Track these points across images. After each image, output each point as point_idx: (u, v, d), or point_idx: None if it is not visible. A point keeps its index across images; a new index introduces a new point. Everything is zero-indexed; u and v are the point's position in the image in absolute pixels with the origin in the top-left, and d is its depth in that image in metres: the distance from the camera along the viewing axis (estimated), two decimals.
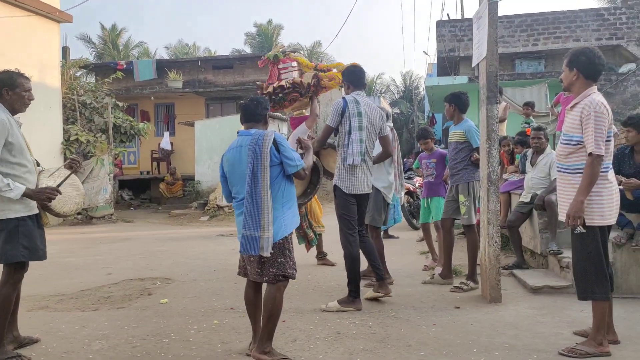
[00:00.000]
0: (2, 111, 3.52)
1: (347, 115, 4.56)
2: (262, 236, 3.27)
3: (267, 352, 3.31)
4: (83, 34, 31.57)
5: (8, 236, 3.47)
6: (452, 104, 5.38)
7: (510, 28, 15.82)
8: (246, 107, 3.65)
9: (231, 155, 3.52)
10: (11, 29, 10.96)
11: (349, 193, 4.60)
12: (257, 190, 3.31)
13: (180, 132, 18.47)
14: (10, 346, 3.60)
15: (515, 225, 6.00)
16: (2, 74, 3.64)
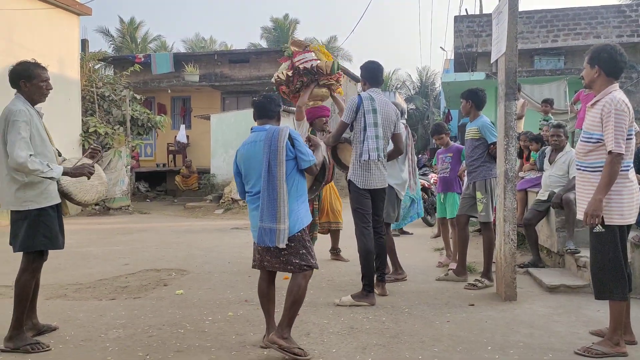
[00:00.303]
0: (22, 103, 3.57)
1: (362, 112, 4.60)
2: (278, 228, 3.35)
3: (286, 338, 3.37)
4: (102, 27, 31.84)
5: (29, 226, 3.54)
6: (469, 100, 5.34)
7: (530, 24, 15.64)
8: (259, 103, 3.71)
9: (246, 151, 3.57)
10: (32, 21, 11.10)
11: (362, 188, 4.64)
12: (273, 184, 3.38)
13: (196, 125, 18.58)
14: (29, 333, 3.67)
15: (531, 223, 5.95)
16: (18, 66, 3.67)
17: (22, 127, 3.44)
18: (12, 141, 3.42)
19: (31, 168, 3.39)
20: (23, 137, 3.43)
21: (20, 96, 3.61)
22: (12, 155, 3.39)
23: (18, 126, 3.44)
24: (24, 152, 3.38)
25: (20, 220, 3.56)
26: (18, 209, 3.54)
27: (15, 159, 3.38)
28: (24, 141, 3.43)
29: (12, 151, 3.40)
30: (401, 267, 5.54)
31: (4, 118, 3.50)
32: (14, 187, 3.52)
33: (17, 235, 3.57)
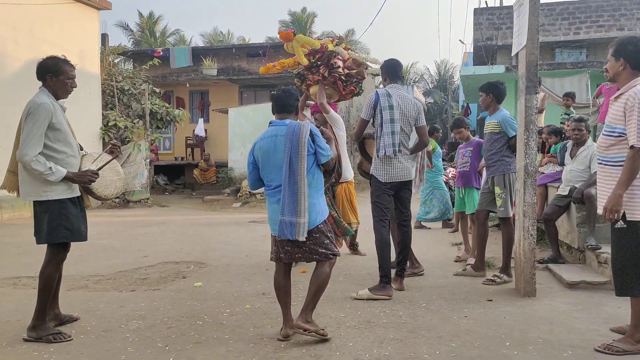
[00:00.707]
0: (47, 96, 3.62)
1: (379, 109, 4.71)
2: (298, 222, 3.45)
3: (309, 322, 3.52)
4: (121, 22, 32.13)
5: (51, 218, 3.59)
6: (490, 93, 5.27)
7: (551, 16, 15.40)
8: (278, 98, 3.76)
9: (265, 144, 3.61)
10: (53, 16, 11.25)
11: (384, 182, 4.71)
12: (294, 179, 3.47)
13: (214, 119, 18.69)
14: (51, 323, 3.74)
15: (551, 219, 5.87)
16: (48, 60, 3.72)
17: (37, 123, 3.48)
18: (26, 134, 3.48)
19: (33, 167, 3.45)
20: (35, 134, 3.47)
21: (44, 89, 3.66)
22: (20, 150, 3.47)
23: (36, 120, 3.48)
24: (31, 151, 3.44)
25: (42, 213, 3.61)
26: (37, 199, 3.59)
27: (21, 155, 3.47)
28: (35, 139, 3.47)
29: (23, 146, 3.46)
30: (418, 262, 5.53)
31: (27, 110, 3.56)
32: (31, 176, 3.56)
33: (40, 228, 3.63)
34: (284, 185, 3.49)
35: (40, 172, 3.47)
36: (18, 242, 7.52)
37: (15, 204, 10.24)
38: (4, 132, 10.10)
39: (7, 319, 4.03)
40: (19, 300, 4.55)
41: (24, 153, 3.44)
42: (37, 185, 3.56)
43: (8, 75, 10.24)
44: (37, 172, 3.47)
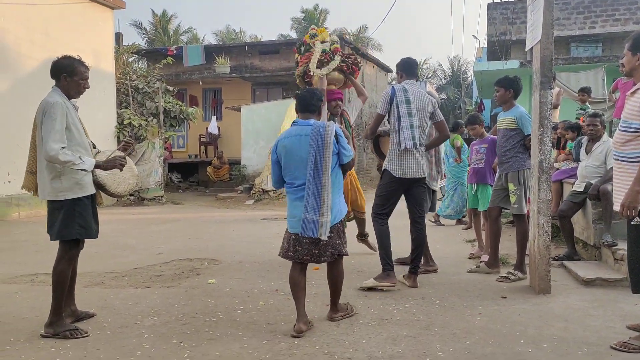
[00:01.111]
0: (59, 95, 3.68)
1: (396, 103, 4.73)
2: (321, 221, 3.58)
3: (339, 310, 3.90)
4: (135, 21, 32.41)
5: (65, 215, 3.64)
6: (511, 89, 5.19)
7: (566, 10, 15.22)
8: (302, 98, 3.87)
9: (289, 143, 3.73)
10: (68, 15, 11.36)
11: (398, 177, 4.75)
12: (318, 178, 3.60)
13: (227, 116, 18.76)
14: (68, 319, 3.79)
15: (567, 215, 5.82)
16: (64, 60, 3.76)
17: (57, 120, 3.53)
18: (46, 133, 3.52)
19: (62, 160, 3.48)
20: (57, 129, 3.52)
21: (57, 89, 3.71)
22: (45, 147, 3.50)
23: (53, 117, 3.53)
24: (56, 145, 3.48)
25: (56, 210, 3.66)
26: (54, 198, 3.65)
27: (47, 151, 3.49)
28: (58, 134, 3.52)
29: (46, 143, 3.50)
30: (432, 259, 5.52)
31: (42, 110, 3.61)
32: (50, 177, 3.62)
33: (54, 224, 3.68)
34: (308, 184, 3.60)
35: (71, 162, 3.50)
36: (35, 240, 7.62)
37: (32, 202, 10.38)
38: (21, 130, 10.25)
39: (25, 316, 4.10)
40: (36, 297, 4.62)
41: (49, 148, 3.48)
42: (54, 186, 3.62)
43: (24, 74, 10.37)
44: (68, 163, 3.50)
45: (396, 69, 5.10)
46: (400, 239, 5.43)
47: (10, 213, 9.94)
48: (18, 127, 10.21)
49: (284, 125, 13.86)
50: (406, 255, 5.31)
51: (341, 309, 3.93)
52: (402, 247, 5.45)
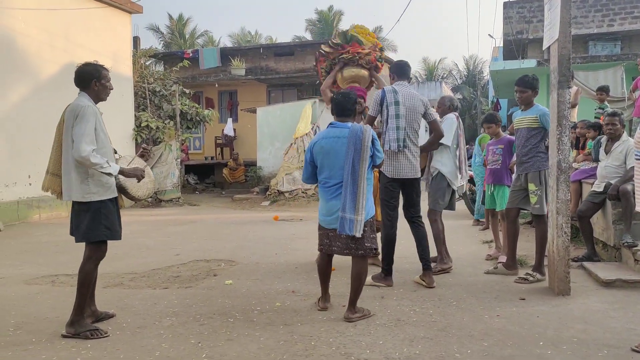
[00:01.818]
0: (88, 100, 3.81)
1: (386, 105, 4.83)
2: (356, 219, 3.80)
3: (356, 312, 3.95)
4: (152, 24, 32.77)
5: (91, 217, 3.74)
6: (536, 89, 5.13)
7: (584, 8, 15.04)
8: (338, 103, 4.07)
9: (326, 144, 3.95)
10: (87, 20, 11.52)
11: (391, 177, 4.83)
12: (355, 179, 3.81)
13: (242, 118, 18.86)
14: (88, 319, 3.85)
15: (586, 216, 5.75)
16: (89, 67, 3.88)
17: (89, 123, 3.66)
18: (79, 134, 3.62)
19: (93, 162, 3.59)
20: (89, 132, 3.65)
21: (85, 94, 3.83)
22: (78, 148, 3.60)
23: (86, 120, 3.66)
24: (88, 147, 3.60)
25: (83, 212, 3.75)
26: (81, 200, 3.74)
27: (79, 152, 3.59)
28: (90, 136, 3.64)
29: (78, 144, 3.60)
30: (448, 256, 5.51)
31: (73, 113, 3.71)
32: (78, 179, 3.72)
33: (80, 226, 3.77)
34: (345, 185, 3.82)
35: (99, 165, 3.63)
36: (56, 241, 7.74)
37: (53, 204, 10.55)
38: (42, 133, 10.42)
39: (46, 316, 4.17)
40: (57, 298, 4.69)
41: (81, 149, 3.59)
42: (82, 187, 3.72)
43: (45, 78, 10.55)
44: (96, 165, 3.62)
45: (389, 72, 5.20)
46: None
47: (31, 215, 10.11)
48: (39, 130, 10.39)
49: (299, 126, 13.90)
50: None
51: (358, 310, 3.98)
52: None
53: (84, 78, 3.83)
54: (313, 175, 4.10)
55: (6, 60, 9.76)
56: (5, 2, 9.68)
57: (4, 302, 4.57)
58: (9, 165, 9.73)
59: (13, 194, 9.78)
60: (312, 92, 17.50)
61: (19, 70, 10.04)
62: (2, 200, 9.51)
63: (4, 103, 9.69)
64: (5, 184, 9.64)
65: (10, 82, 9.86)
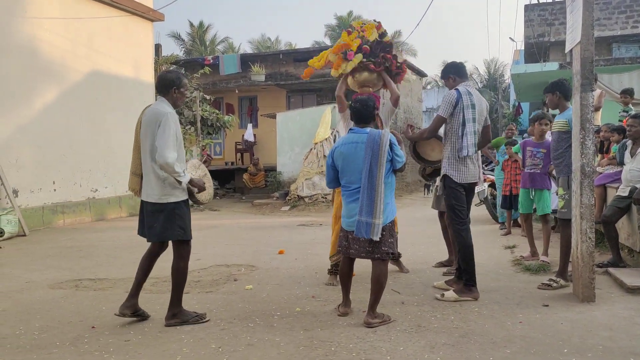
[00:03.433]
0: (169, 106, 3.98)
1: (461, 107, 4.61)
2: (374, 222, 3.84)
3: (376, 317, 3.93)
4: (173, 32, 33.22)
5: (166, 218, 3.93)
6: (556, 91, 5.06)
7: (607, 10, 14.80)
8: (356, 110, 4.14)
9: (346, 149, 4.03)
10: (110, 28, 11.72)
11: (459, 182, 4.67)
12: (372, 184, 3.86)
13: (262, 123, 18.97)
14: (127, 310, 4.05)
15: (611, 221, 5.63)
16: (171, 74, 4.09)
17: (172, 130, 3.84)
18: (165, 140, 3.79)
19: (175, 170, 3.82)
20: (173, 139, 3.83)
21: (164, 100, 4.00)
22: (163, 153, 3.77)
23: (170, 126, 3.83)
24: (173, 154, 3.80)
25: (157, 213, 3.94)
26: (157, 201, 3.93)
27: (165, 159, 3.77)
28: (173, 144, 3.83)
29: (164, 150, 3.77)
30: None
31: (155, 119, 3.87)
32: (157, 181, 3.92)
33: (154, 226, 3.96)
34: (362, 189, 3.88)
35: (178, 173, 3.84)
36: (79, 246, 7.87)
37: (76, 210, 10.73)
38: (66, 140, 10.63)
39: (70, 320, 4.23)
40: (81, 302, 4.76)
41: (167, 156, 3.77)
42: (160, 189, 3.92)
43: (69, 86, 10.75)
44: (176, 174, 3.83)
45: (444, 74, 4.93)
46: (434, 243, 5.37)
47: (55, 220, 10.30)
48: (62, 136, 10.60)
49: (319, 131, 13.92)
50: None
51: (378, 316, 3.97)
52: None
53: (165, 84, 4.00)
54: (335, 179, 4.18)
55: (31, 68, 9.99)
56: (30, 12, 9.91)
57: (30, 306, 4.66)
58: (34, 171, 9.93)
59: (38, 199, 9.97)
60: (332, 97, 17.51)
61: (44, 78, 10.25)
62: (28, 205, 9.70)
63: (29, 109, 9.91)
64: (31, 190, 9.83)
65: (36, 89, 10.08)
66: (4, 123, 9.42)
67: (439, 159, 5.03)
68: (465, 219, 4.69)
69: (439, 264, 5.99)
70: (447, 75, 4.88)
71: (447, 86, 4.93)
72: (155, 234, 3.97)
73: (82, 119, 11.02)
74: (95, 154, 11.28)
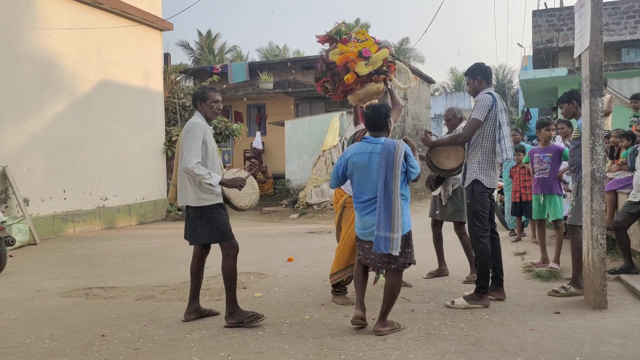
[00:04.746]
0: (200, 118, 4.27)
1: (495, 111, 4.61)
2: (392, 237, 3.76)
3: (386, 325, 3.89)
4: (182, 41, 33.46)
5: (206, 221, 4.15)
6: (573, 100, 5.08)
7: (616, 15, 14.73)
8: (369, 117, 4.08)
9: (359, 159, 3.96)
10: (119, 38, 11.84)
11: (488, 187, 4.66)
12: (389, 197, 3.78)
13: (271, 131, 19.02)
14: (191, 315, 4.30)
15: (622, 227, 5.58)
16: (198, 90, 4.50)
17: (197, 138, 4.08)
18: (187, 146, 4.06)
19: (196, 172, 4.00)
20: (195, 146, 4.06)
21: (198, 113, 4.32)
22: (184, 159, 4.04)
23: (194, 135, 4.09)
24: (193, 159, 4.02)
25: (196, 218, 4.18)
26: (195, 205, 4.14)
27: (185, 164, 4.03)
28: (196, 150, 4.05)
29: (186, 155, 4.04)
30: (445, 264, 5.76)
31: (185, 130, 4.18)
32: (191, 187, 4.14)
33: (195, 230, 4.21)
34: (379, 202, 3.80)
35: (202, 176, 4.02)
36: (90, 255, 7.91)
37: (86, 219, 10.80)
38: (76, 149, 10.72)
39: (80, 328, 4.25)
40: (91, 310, 4.78)
41: (187, 162, 4.02)
42: (195, 194, 4.12)
43: (79, 95, 10.86)
44: (199, 176, 4.02)
45: (472, 74, 4.79)
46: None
47: (66, 229, 10.37)
48: (73, 145, 10.69)
49: (327, 138, 13.94)
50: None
51: (388, 324, 3.93)
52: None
53: (193, 99, 4.39)
54: (339, 179, 4.15)
55: (43, 78, 10.10)
56: (41, 23, 10.04)
57: (40, 315, 4.68)
58: (45, 180, 10.02)
59: (49, 208, 10.05)
60: (340, 104, 17.55)
61: (55, 88, 10.37)
62: (38, 214, 9.78)
63: (40, 119, 10.01)
64: (42, 199, 9.92)
65: (47, 99, 10.19)
66: (16, 132, 9.52)
67: (452, 167, 4.96)
68: (487, 226, 4.65)
69: (430, 274, 5.85)
70: (475, 76, 4.77)
71: (469, 86, 4.83)
72: (196, 237, 4.23)
73: (92, 128, 11.12)
74: (105, 163, 11.37)
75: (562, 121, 5.96)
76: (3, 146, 9.29)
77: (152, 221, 12.67)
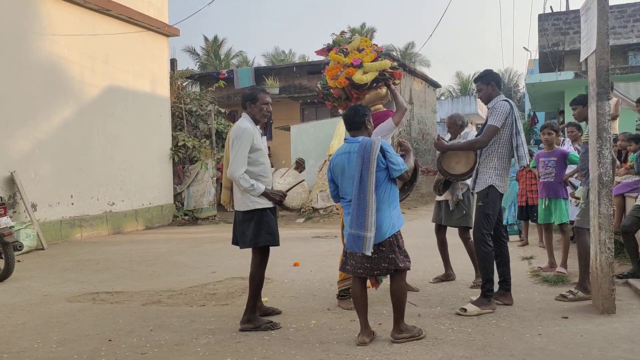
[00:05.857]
0: (248, 121, 4.25)
1: (513, 118, 4.65)
2: (365, 236, 3.61)
3: (402, 331, 3.77)
4: (188, 46, 33.68)
5: (256, 224, 4.17)
6: (583, 104, 5.11)
7: (622, 18, 14.67)
8: (346, 116, 4.04)
9: (339, 160, 3.89)
10: (126, 44, 11.92)
11: (502, 193, 4.70)
12: (363, 194, 3.66)
13: (276, 136, 19.04)
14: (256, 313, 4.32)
15: (630, 231, 5.54)
16: (249, 90, 4.43)
17: (244, 145, 4.09)
18: (234, 155, 4.10)
19: (240, 183, 4.09)
20: (243, 154, 4.09)
21: (246, 115, 4.30)
22: (231, 168, 4.10)
23: (241, 142, 4.09)
24: (240, 169, 4.08)
25: (247, 221, 4.19)
26: (245, 209, 4.18)
27: (232, 172, 4.10)
28: (242, 159, 4.09)
29: (232, 165, 4.10)
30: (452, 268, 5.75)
31: (233, 134, 4.17)
32: (241, 191, 4.17)
33: (245, 233, 4.20)
34: (353, 200, 3.70)
35: (245, 188, 4.10)
36: (97, 259, 7.94)
37: (93, 224, 10.85)
38: (83, 155, 10.78)
39: (87, 333, 4.26)
40: (98, 315, 4.80)
41: (233, 170, 4.09)
42: (244, 198, 4.17)
43: (86, 101, 10.93)
44: (242, 187, 4.11)
45: (486, 79, 4.77)
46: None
47: (73, 234, 10.41)
48: (80, 151, 10.75)
49: (333, 143, 13.94)
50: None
51: (405, 330, 3.80)
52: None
53: (243, 100, 4.34)
54: (335, 191, 4.01)
55: (50, 84, 10.18)
56: (49, 29, 10.12)
57: (48, 319, 4.70)
58: (52, 186, 10.08)
59: (56, 213, 10.11)
60: None
61: (62, 93, 10.44)
62: (46, 219, 9.83)
63: (48, 125, 10.08)
64: (49, 204, 9.97)
65: (54, 104, 10.26)
66: (24, 137, 9.59)
67: (463, 172, 4.93)
68: (491, 231, 4.68)
69: (437, 279, 5.82)
70: (489, 82, 4.77)
71: (482, 92, 4.80)
72: (247, 241, 4.20)
73: (100, 133, 11.19)
74: (112, 168, 11.43)
75: (572, 124, 5.94)
76: (11, 151, 9.36)
77: (158, 226, 12.71)
